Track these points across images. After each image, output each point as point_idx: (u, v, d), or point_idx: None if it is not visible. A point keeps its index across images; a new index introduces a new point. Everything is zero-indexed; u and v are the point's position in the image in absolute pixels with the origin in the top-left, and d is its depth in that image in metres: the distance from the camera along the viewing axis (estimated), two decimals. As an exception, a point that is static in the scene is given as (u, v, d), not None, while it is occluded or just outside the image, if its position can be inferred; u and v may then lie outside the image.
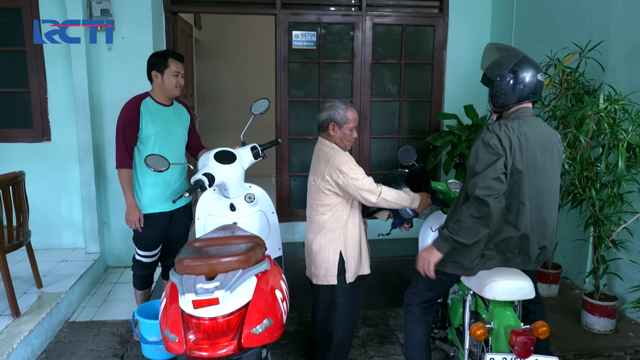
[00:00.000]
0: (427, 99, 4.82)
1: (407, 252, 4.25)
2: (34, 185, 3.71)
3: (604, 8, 3.34)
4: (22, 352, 2.64)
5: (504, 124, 1.99)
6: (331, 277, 2.46)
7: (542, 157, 2.02)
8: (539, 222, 2.04)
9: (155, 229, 2.86)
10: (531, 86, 2.03)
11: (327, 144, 2.47)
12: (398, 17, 4.62)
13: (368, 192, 2.32)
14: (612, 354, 2.83)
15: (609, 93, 3.04)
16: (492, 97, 2.11)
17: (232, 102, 7.31)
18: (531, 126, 2.01)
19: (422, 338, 2.32)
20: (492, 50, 2.17)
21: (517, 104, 2.06)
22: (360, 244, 2.51)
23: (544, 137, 2.04)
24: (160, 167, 2.42)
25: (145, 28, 3.91)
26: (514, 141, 1.96)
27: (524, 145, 1.97)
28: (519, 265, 2.10)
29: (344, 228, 2.45)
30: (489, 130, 1.99)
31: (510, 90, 2.04)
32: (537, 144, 2.01)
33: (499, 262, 2.08)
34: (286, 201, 4.76)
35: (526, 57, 2.07)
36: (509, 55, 2.08)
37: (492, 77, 2.09)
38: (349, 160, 2.38)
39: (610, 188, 2.82)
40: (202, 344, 1.82)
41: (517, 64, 2.03)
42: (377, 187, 2.34)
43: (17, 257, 3.36)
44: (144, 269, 2.96)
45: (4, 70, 3.96)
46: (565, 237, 3.66)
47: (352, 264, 2.47)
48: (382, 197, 2.34)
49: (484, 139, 1.97)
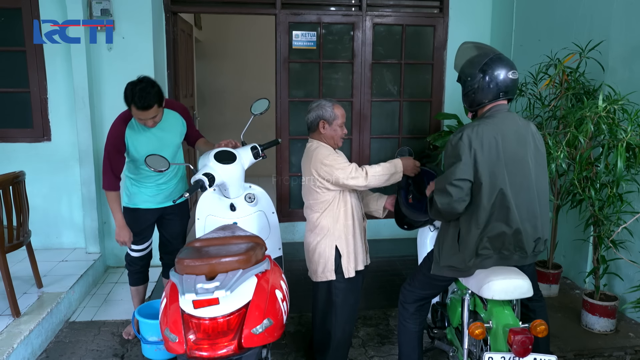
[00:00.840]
0: (427, 99, 4.82)
1: (407, 252, 4.24)
2: (34, 185, 3.71)
3: (604, 8, 3.34)
4: (22, 352, 2.65)
5: (477, 124, 2.00)
6: (329, 273, 2.48)
7: (522, 151, 2.03)
8: (529, 215, 2.04)
9: (140, 223, 2.86)
10: (502, 85, 2.03)
11: (313, 143, 2.52)
12: (398, 17, 4.62)
13: (354, 178, 2.37)
14: (612, 354, 2.83)
15: (608, 93, 3.04)
16: (464, 96, 2.13)
17: (232, 102, 7.31)
18: (507, 122, 2.02)
19: (415, 334, 2.34)
20: (465, 50, 2.18)
21: (490, 103, 2.07)
22: (354, 239, 2.52)
23: (520, 130, 2.05)
24: (160, 167, 2.42)
25: (146, 28, 3.91)
26: (489, 140, 1.96)
27: (500, 142, 1.97)
28: (517, 261, 2.09)
29: (338, 223, 2.47)
30: (460, 131, 2.01)
31: (481, 89, 2.05)
32: (515, 139, 2.01)
33: (496, 260, 2.07)
34: (286, 201, 4.76)
35: (498, 55, 2.06)
36: (479, 54, 2.08)
37: (463, 77, 2.10)
38: (331, 154, 2.42)
39: (609, 188, 2.82)
40: (202, 344, 1.82)
41: (487, 63, 2.03)
42: (361, 170, 2.39)
43: (17, 257, 3.35)
44: (133, 264, 2.96)
45: (4, 70, 3.96)
46: (565, 237, 3.66)
47: (347, 259, 2.49)
48: (369, 176, 2.38)
49: (452, 141, 2.01)
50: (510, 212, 1.99)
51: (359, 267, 2.56)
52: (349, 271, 2.50)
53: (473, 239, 2.01)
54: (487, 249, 2.04)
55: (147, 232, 2.93)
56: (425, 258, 2.37)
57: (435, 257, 2.18)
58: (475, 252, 2.04)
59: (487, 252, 2.05)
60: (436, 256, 2.17)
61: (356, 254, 2.53)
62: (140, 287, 3.05)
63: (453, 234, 2.08)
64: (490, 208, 1.98)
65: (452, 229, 2.09)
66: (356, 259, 2.53)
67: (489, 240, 2.02)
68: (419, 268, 2.38)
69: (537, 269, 3.48)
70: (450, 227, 2.11)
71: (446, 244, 2.11)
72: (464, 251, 2.04)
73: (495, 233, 2.01)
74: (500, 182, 1.97)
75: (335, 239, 2.47)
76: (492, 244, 2.03)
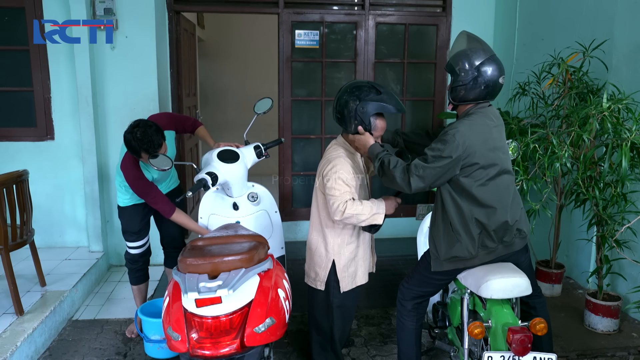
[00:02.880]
0: (430, 98, 4.82)
1: (408, 252, 4.23)
2: (37, 183, 3.72)
3: (608, 7, 3.32)
4: (25, 350, 2.66)
5: (466, 123, 2.05)
6: (319, 283, 2.43)
7: (502, 141, 2.13)
8: (513, 204, 2.11)
9: (141, 218, 2.87)
10: (492, 88, 2.06)
11: (339, 150, 2.37)
12: (401, 16, 4.61)
13: (333, 211, 2.21)
14: (615, 354, 2.82)
15: (612, 92, 3.03)
16: (452, 89, 2.12)
17: (235, 101, 7.32)
18: (490, 116, 2.10)
19: (412, 331, 2.34)
20: (462, 39, 2.13)
21: (475, 102, 2.10)
22: (357, 253, 2.43)
23: (498, 121, 2.15)
24: (164, 166, 2.43)
25: (149, 27, 3.91)
26: (475, 138, 2.01)
27: (489, 136, 2.04)
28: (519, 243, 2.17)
29: (343, 229, 2.37)
30: (451, 129, 2.03)
31: (471, 87, 2.05)
32: (499, 130, 2.12)
33: (501, 250, 2.13)
34: (289, 200, 4.76)
35: (494, 56, 2.06)
36: (477, 50, 2.04)
37: (455, 68, 2.07)
38: (342, 171, 2.24)
39: (613, 187, 2.81)
40: (204, 342, 1.83)
41: (484, 64, 2.02)
42: (342, 206, 2.18)
43: (20, 256, 3.37)
44: (134, 261, 2.96)
45: (8, 70, 3.97)
46: (569, 236, 3.65)
47: (345, 274, 2.41)
48: (346, 213, 2.17)
49: (446, 137, 2.02)
50: (502, 198, 2.07)
51: (358, 282, 2.47)
52: (346, 286, 2.43)
53: (471, 225, 2.06)
54: (492, 241, 2.08)
55: (145, 228, 2.94)
56: (422, 257, 2.37)
57: (432, 253, 2.19)
58: (481, 243, 2.08)
59: (492, 245, 2.09)
60: (434, 253, 2.17)
61: (357, 267, 2.44)
62: (141, 285, 3.06)
63: (446, 228, 2.11)
64: (483, 197, 2.04)
65: (443, 222, 2.13)
66: (356, 274, 2.45)
67: (492, 231, 2.06)
68: (417, 266, 2.38)
69: (540, 268, 3.48)
70: (441, 221, 2.14)
71: (443, 238, 2.13)
72: (463, 239, 2.07)
73: (499, 222, 2.05)
74: (492, 171, 2.05)
75: (334, 254, 2.38)
76: (496, 234, 2.08)
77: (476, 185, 2.03)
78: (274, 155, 4.43)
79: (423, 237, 2.71)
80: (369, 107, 2.26)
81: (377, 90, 2.28)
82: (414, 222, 2.91)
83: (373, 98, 2.26)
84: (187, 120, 3.04)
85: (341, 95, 2.32)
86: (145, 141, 2.47)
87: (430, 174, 2.01)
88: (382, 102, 2.26)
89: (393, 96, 2.31)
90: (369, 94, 2.26)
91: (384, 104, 2.26)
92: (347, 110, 2.28)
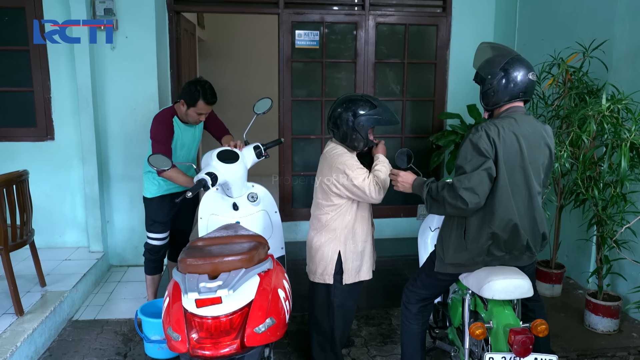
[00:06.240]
0: (430, 98, 4.82)
1: (409, 252, 4.24)
2: (37, 184, 3.73)
3: (607, 7, 3.32)
4: (25, 350, 2.66)
5: (494, 123, 2.00)
6: (327, 276, 2.46)
7: (539, 155, 2.05)
8: (538, 215, 2.06)
9: (164, 209, 3.02)
10: (522, 85, 2.04)
11: (337, 148, 2.46)
12: (401, 17, 4.61)
13: (369, 194, 2.33)
14: (615, 354, 2.82)
15: (612, 92, 3.03)
16: (483, 95, 2.12)
17: (235, 101, 7.30)
18: (523, 124, 2.03)
19: (418, 334, 2.34)
20: (484, 49, 2.18)
21: (508, 103, 2.07)
22: (364, 248, 2.49)
23: (537, 133, 2.06)
24: (163, 166, 2.45)
25: (149, 27, 3.91)
26: (510, 138, 1.97)
27: (523, 143, 1.98)
28: (526, 261, 2.13)
29: (346, 228, 2.44)
30: (478, 130, 2.00)
31: (501, 88, 2.05)
32: (534, 142, 2.03)
33: (507, 260, 2.10)
34: (289, 200, 4.76)
35: (518, 56, 2.07)
36: (500, 54, 2.09)
37: (484, 76, 2.09)
38: (354, 164, 2.37)
39: (613, 188, 2.81)
40: (204, 342, 1.83)
41: (509, 63, 2.04)
42: (374, 186, 2.33)
43: (20, 256, 3.37)
44: (154, 252, 3.09)
45: (8, 70, 3.97)
46: (569, 236, 3.65)
47: (350, 266, 2.45)
48: (378, 185, 2.34)
49: (473, 139, 1.99)
50: (523, 214, 2.02)
51: (364, 277, 2.52)
52: (349, 278, 2.46)
53: (483, 238, 2.02)
54: (500, 250, 2.06)
55: (172, 220, 3.09)
56: (427, 259, 2.37)
57: (439, 255, 2.18)
58: (487, 251, 2.05)
59: (500, 254, 2.07)
60: (440, 254, 2.17)
61: (362, 261, 2.49)
62: (156, 276, 3.19)
63: (458, 233, 2.09)
64: (504, 208, 1.98)
65: (457, 227, 2.10)
66: (362, 268, 2.50)
67: (503, 241, 2.03)
68: (422, 269, 2.38)
69: (540, 268, 3.48)
70: (455, 225, 2.11)
71: (452, 243, 2.11)
72: (472, 249, 2.05)
73: (510, 233, 2.02)
74: (519, 182, 2.00)
75: (340, 244, 2.44)
76: (505, 245, 2.05)
77: (498, 195, 1.99)
78: (274, 155, 4.43)
79: (424, 238, 2.71)
80: (366, 122, 2.38)
81: (372, 104, 2.39)
82: (415, 222, 2.92)
83: (369, 112, 2.38)
84: (223, 126, 3.21)
85: (335, 108, 2.43)
86: (209, 89, 2.78)
87: (476, 180, 1.94)
88: (378, 115, 2.38)
89: (387, 109, 2.43)
90: (365, 108, 2.38)
91: (380, 118, 2.38)
92: (345, 125, 2.39)
